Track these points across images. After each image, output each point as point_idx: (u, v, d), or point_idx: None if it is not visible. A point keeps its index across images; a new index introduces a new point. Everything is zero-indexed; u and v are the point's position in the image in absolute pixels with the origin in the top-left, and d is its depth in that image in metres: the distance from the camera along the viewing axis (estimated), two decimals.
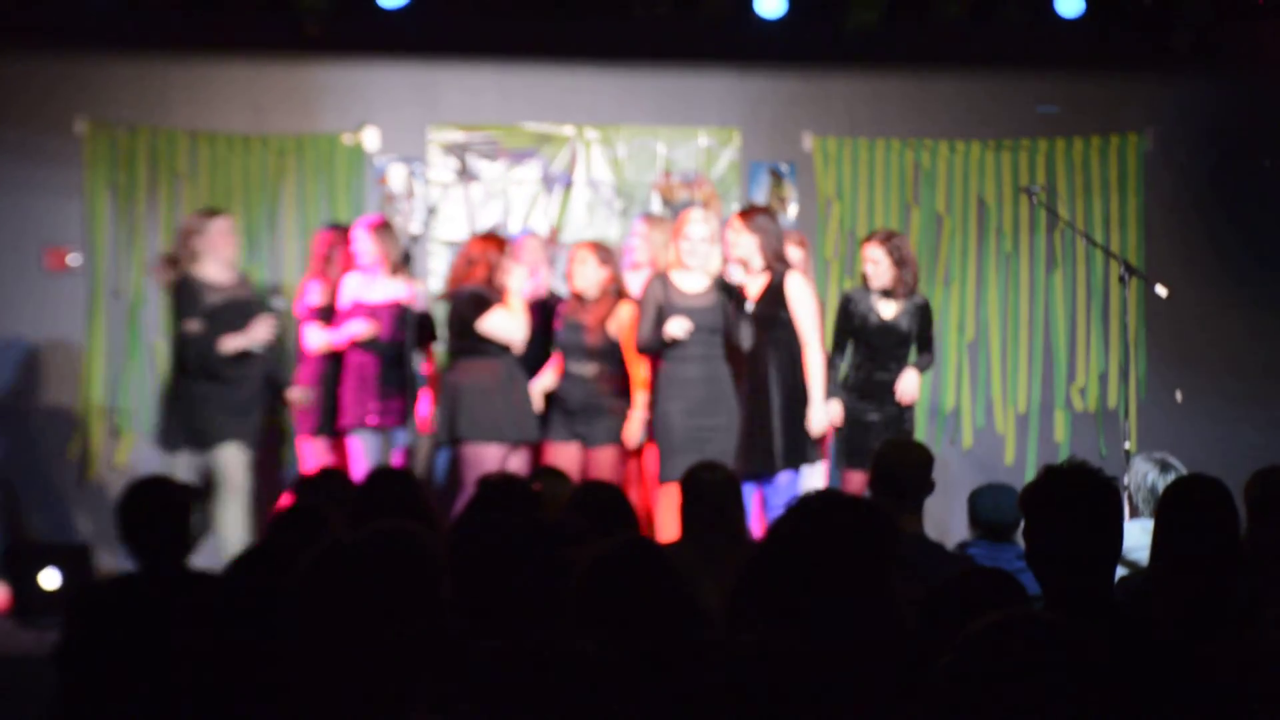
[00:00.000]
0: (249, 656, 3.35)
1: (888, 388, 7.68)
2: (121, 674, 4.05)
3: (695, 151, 9.36)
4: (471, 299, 7.52)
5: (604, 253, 7.82)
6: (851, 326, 7.74)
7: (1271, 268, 9.49)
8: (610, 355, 7.73)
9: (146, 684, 3.90)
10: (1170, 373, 9.45)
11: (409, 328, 7.90)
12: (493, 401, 7.47)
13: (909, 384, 7.68)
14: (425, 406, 8.09)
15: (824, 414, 7.40)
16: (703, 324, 7.35)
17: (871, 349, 7.71)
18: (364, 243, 7.91)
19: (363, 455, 7.73)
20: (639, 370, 7.70)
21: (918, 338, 7.80)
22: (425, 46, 9.13)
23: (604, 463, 7.60)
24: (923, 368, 7.82)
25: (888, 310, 7.73)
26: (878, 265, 7.71)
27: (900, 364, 7.73)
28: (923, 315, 7.80)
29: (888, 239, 7.79)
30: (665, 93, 9.35)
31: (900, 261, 7.69)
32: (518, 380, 7.57)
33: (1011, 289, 9.49)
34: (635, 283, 7.81)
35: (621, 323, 7.73)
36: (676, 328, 7.27)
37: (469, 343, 7.59)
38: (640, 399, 7.65)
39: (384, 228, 7.99)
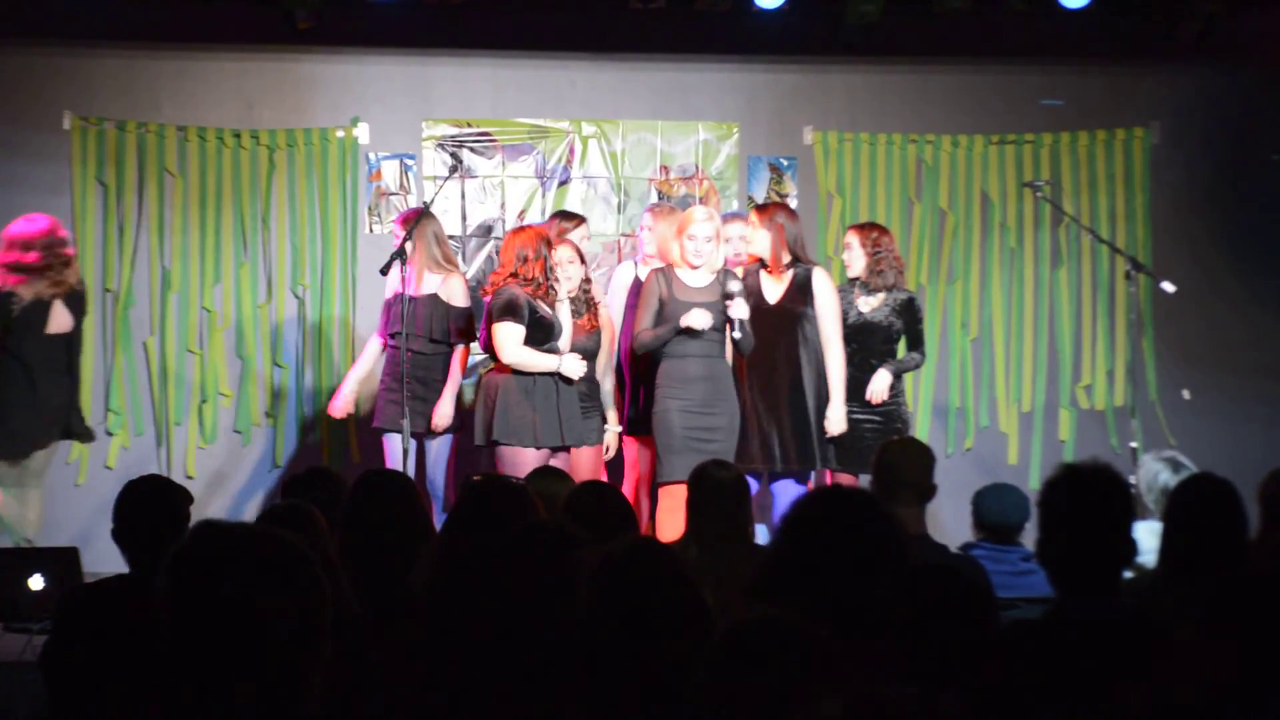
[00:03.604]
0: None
1: None
2: (110, 678, 4.00)
3: (693, 146, 9.28)
4: (507, 301, 7.24)
5: (579, 251, 7.68)
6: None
7: None
8: (595, 356, 7.62)
9: (136, 688, 3.84)
10: (1177, 370, 9.38)
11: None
12: (529, 404, 7.26)
13: (878, 384, 7.56)
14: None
15: (843, 413, 7.39)
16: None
17: (855, 347, 7.60)
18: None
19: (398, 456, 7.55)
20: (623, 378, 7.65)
21: (906, 333, 7.68)
22: (418, 40, 9.07)
23: (587, 464, 7.50)
24: (912, 365, 7.71)
25: (867, 305, 7.63)
26: (850, 251, 7.67)
27: (883, 358, 7.62)
28: (909, 310, 7.67)
29: (864, 229, 7.77)
30: (663, 86, 9.28)
31: (875, 253, 7.60)
32: (559, 382, 7.35)
33: (1016, 285, 9.41)
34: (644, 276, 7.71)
35: (604, 322, 7.65)
36: (698, 319, 7.15)
37: None
38: (615, 411, 7.61)
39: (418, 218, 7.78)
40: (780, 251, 7.44)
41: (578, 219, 8.07)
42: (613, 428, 7.69)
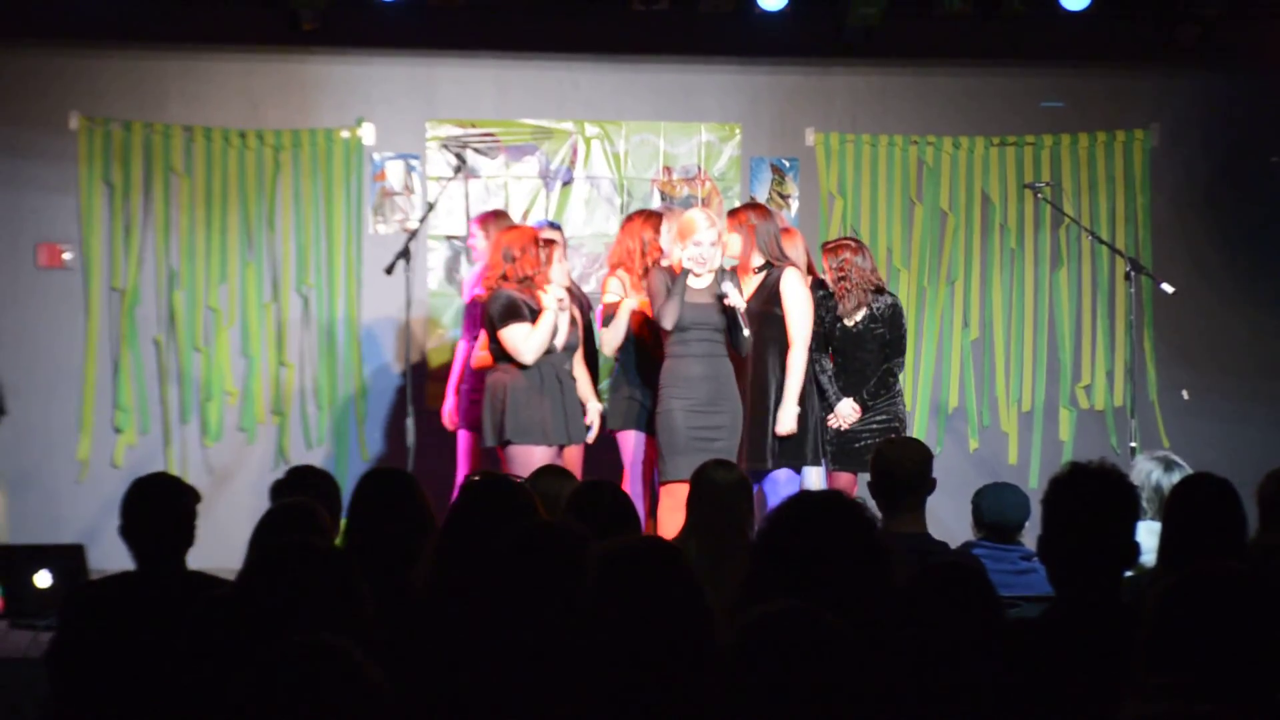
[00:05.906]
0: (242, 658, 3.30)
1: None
2: (116, 675, 4.02)
3: (696, 147, 9.30)
4: (507, 304, 7.30)
5: (565, 249, 7.73)
6: (824, 330, 7.65)
7: (1279, 265, 9.44)
8: (573, 351, 7.64)
9: (142, 685, 3.86)
10: (1177, 371, 9.40)
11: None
12: (541, 402, 7.27)
13: (842, 412, 7.57)
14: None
15: (792, 415, 7.34)
16: (708, 321, 7.28)
17: (844, 354, 7.63)
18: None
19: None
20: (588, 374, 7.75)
21: (888, 341, 7.66)
22: (423, 41, 9.09)
23: (576, 461, 7.52)
24: (893, 371, 7.67)
25: (850, 319, 7.62)
26: (830, 274, 7.67)
27: (877, 366, 7.62)
28: (892, 317, 7.63)
29: (831, 249, 7.72)
30: (666, 87, 9.30)
31: (840, 277, 7.58)
32: (564, 380, 7.41)
33: (1016, 286, 9.44)
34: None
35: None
36: (736, 297, 7.19)
37: None
38: (591, 406, 7.65)
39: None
40: (750, 254, 7.45)
41: (657, 217, 8.02)
42: (593, 405, 7.73)
